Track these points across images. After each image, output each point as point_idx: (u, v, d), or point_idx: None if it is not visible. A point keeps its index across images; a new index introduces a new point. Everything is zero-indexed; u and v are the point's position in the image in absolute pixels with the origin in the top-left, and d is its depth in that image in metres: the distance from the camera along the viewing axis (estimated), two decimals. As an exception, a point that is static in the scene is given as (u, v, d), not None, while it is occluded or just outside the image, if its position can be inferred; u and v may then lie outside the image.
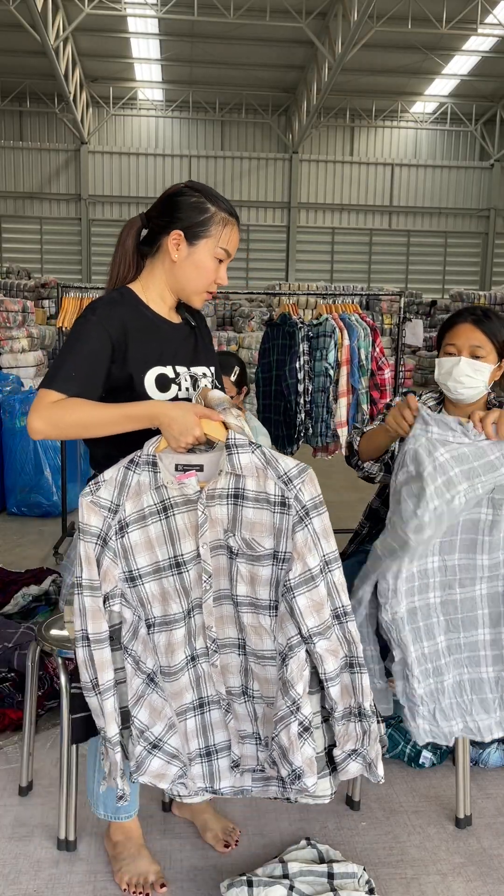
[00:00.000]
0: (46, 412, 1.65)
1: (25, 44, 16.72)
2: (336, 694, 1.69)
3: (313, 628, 1.63)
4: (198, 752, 1.81)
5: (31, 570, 3.99)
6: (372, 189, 23.35)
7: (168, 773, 1.79)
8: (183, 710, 1.78)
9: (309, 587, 1.62)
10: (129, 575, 1.69)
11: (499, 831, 2.27)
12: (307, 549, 1.61)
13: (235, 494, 1.64)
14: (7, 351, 9.38)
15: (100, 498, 1.66)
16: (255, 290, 10.08)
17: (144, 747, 1.76)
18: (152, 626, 1.72)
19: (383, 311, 14.25)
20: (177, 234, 1.80)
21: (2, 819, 2.26)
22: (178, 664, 1.73)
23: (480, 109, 22.70)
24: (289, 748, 1.66)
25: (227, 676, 1.76)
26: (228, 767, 1.82)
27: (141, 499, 1.66)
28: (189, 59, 19.07)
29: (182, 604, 1.71)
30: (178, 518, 1.67)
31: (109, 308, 1.78)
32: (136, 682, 1.75)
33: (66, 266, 22.52)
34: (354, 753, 1.74)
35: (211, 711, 1.79)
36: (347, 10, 14.15)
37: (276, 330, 4.66)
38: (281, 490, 1.62)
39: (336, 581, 1.67)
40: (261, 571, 1.66)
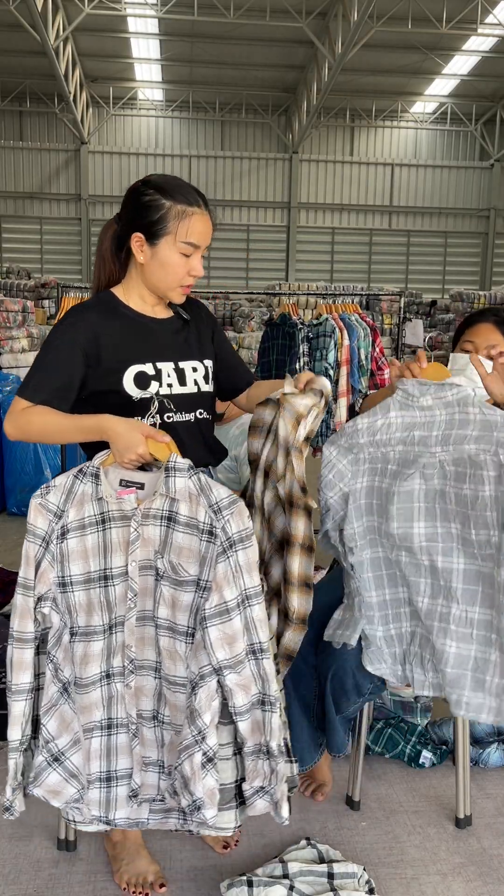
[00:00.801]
0: (15, 418, 1.74)
1: (25, 44, 16.74)
2: (245, 729, 1.67)
3: (223, 661, 1.61)
4: (97, 776, 1.78)
5: (31, 570, 3.98)
6: (372, 189, 23.36)
7: (64, 792, 1.77)
8: (90, 727, 1.75)
9: (223, 619, 1.60)
10: (61, 580, 1.70)
11: (499, 831, 2.27)
12: (226, 581, 1.60)
13: (168, 517, 1.65)
14: (7, 351, 9.39)
15: (48, 501, 1.70)
16: (255, 290, 10.09)
17: (46, 758, 1.74)
18: (75, 635, 1.72)
19: (383, 311, 14.25)
20: (137, 237, 1.78)
21: (2, 819, 2.26)
22: (90, 677, 1.72)
23: (480, 109, 22.71)
24: (191, 778, 1.64)
25: (140, 699, 1.74)
26: (126, 797, 1.79)
27: (83, 508, 1.69)
28: (189, 59, 19.08)
29: (104, 617, 1.71)
30: (113, 532, 1.68)
31: (80, 315, 1.80)
32: (51, 690, 1.73)
33: (65, 266, 22.54)
34: (262, 790, 1.72)
35: (118, 735, 1.77)
36: (347, 10, 14.16)
37: (276, 330, 4.66)
38: (210, 519, 1.61)
39: (255, 617, 1.63)
40: (182, 597, 1.65)
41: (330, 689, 2.04)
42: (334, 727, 2.14)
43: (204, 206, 1.79)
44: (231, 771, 1.72)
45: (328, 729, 2.18)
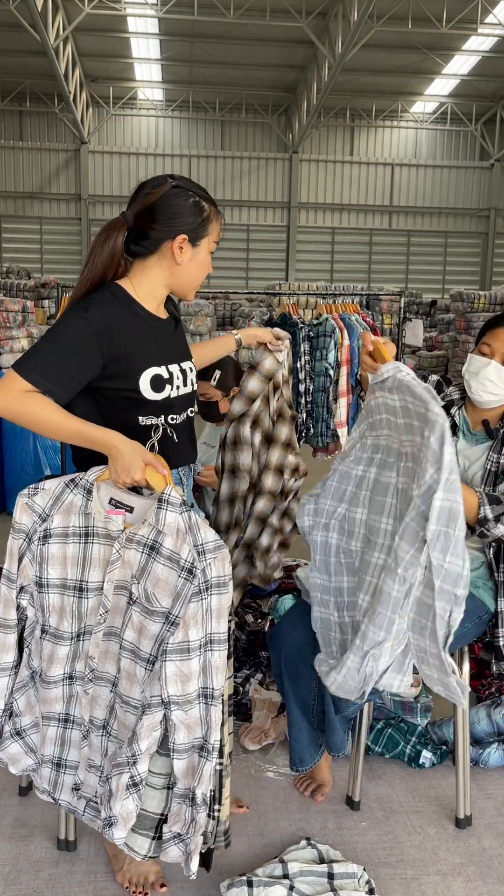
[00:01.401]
0: (10, 396, 1.63)
1: (25, 44, 16.73)
2: (179, 769, 1.69)
3: (173, 696, 1.63)
4: (50, 759, 1.88)
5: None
6: (372, 189, 23.35)
7: (21, 762, 1.90)
8: (49, 716, 1.85)
9: (182, 657, 1.62)
10: (38, 580, 1.77)
11: (499, 831, 2.27)
12: (194, 621, 1.62)
13: (152, 546, 1.67)
14: (7, 351, 9.38)
15: (34, 503, 1.74)
16: (255, 290, 10.08)
17: (10, 729, 1.88)
18: (45, 633, 1.80)
19: (383, 311, 14.26)
20: (182, 239, 1.80)
21: (2, 819, 2.26)
22: (54, 677, 1.80)
23: (480, 109, 22.70)
24: (114, 794, 1.69)
25: (94, 707, 1.80)
26: (71, 786, 1.88)
27: (69, 517, 1.73)
28: (189, 59, 19.07)
29: (73, 626, 1.77)
30: (95, 547, 1.73)
31: (99, 308, 1.74)
32: (23, 673, 1.86)
33: (65, 266, 22.52)
34: (178, 837, 1.73)
35: (73, 730, 1.85)
36: (347, 10, 14.16)
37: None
38: (193, 558, 1.63)
39: (214, 663, 1.66)
40: (150, 626, 1.67)
41: (331, 693, 2.04)
42: (333, 727, 2.14)
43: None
44: (158, 801, 1.74)
45: (327, 729, 2.18)
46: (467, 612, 2.13)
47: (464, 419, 2.28)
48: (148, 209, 1.79)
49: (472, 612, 2.15)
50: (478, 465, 2.20)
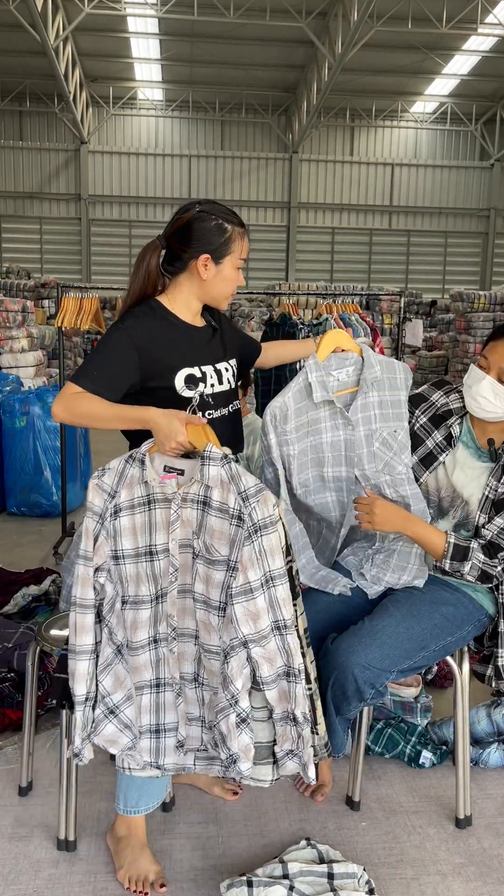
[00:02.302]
0: (65, 400, 1.91)
1: (25, 44, 16.73)
2: (273, 697, 1.82)
3: (248, 635, 1.76)
4: (148, 728, 1.95)
5: (31, 570, 3.99)
6: (372, 189, 23.35)
7: (119, 741, 1.93)
8: (141, 685, 1.92)
9: (246, 598, 1.75)
10: (114, 554, 1.87)
11: (499, 831, 2.27)
12: (250, 563, 1.74)
13: (204, 501, 1.81)
14: (7, 351, 9.38)
15: (103, 482, 1.86)
16: (255, 289, 10.07)
17: (103, 711, 1.92)
18: (125, 604, 1.89)
19: (383, 311, 14.24)
20: (205, 258, 2.00)
21: (2, 819, 2.27)
22: (139, 642, 1.89)
23: (480, 109, 22.70)
24: (227, 735, 1.82)
25: (182, 663, 1.91)
26: (174, 747, 1.96)
27: (133, 489, 1.85)
28: (189, 58, 19.08)
29: (150, 588, 1.88)
30: (157, 512, 1.85)
31: (137, 319, 2.00)
32: (107, 651, 1.91)
33: (65, 266, 22.52)
34: (291, 753, 1.88)
35: (165, 693, 1.93)
36: (347, 10, 14.16)
37: (276, 330, 4.66)
38: (239, 505, 1.76)
39: (279, 596, 1.77)
40: (215, 575, 1.81)
41: (330, 696, 2.04)
42: (333, 728, 2.14)
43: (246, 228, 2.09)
44: (267, 731, 1.88)
45: (327, 730, 2.18)
46: (467, 615, 2.14)
47: (467, 429, 2.20)
48: (176, 232, 2.02)
49: (472, 616, 2.15)
50: (476, 485, 2.14)
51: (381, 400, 2.24)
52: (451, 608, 2.12)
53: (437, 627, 2.09)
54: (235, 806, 2.35)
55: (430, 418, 2.25)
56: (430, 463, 2.21)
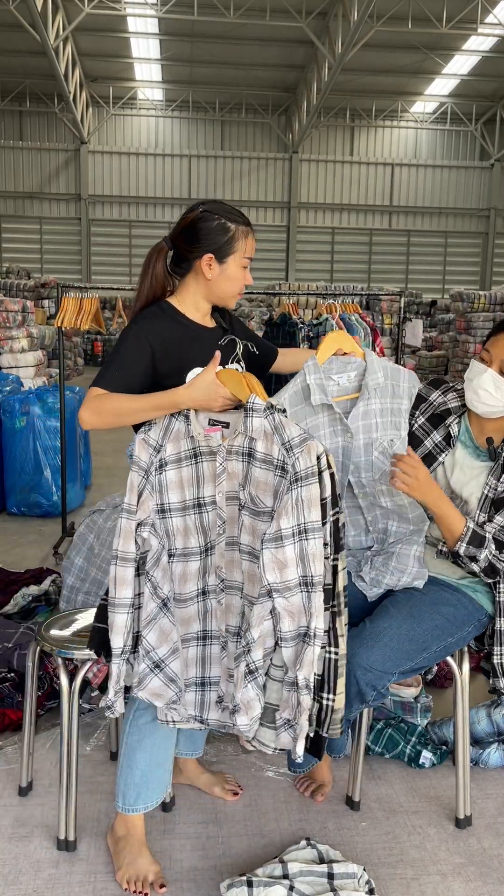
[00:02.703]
0: (91, 403, 1.91)
1: (25, 44, 16.74)
2: (288, 657, 1.80)
3: (273, 584, 1.75)
4: (193, 681, 1.96)
5: (31, 570, 3.99)
6: (372, 189, 23.36)
7: (164, 695, 1.91)
8: (188, 637, 1.94)
9: (276, 545, 1.74)
10: (160, 507, 1.89)
11: (499, 831, 2.27)
12: (285, 511, 1.74)
13: (249, 453, 1.84)
14: (7, 351, 9.38)
15: (149, 436, 1.88)
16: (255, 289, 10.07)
17: (148, 665, 1.89)
18: (173, 556, 1.90)
19: (383, 311, 14.26)
20: (209, 258, 2.00)
21: (2, 819, 2.27)
22: (188, 593, 1.91)
23: (480, 109, 22.71)
24: (236, 684, 1.81)
25: (229, 615, 1.92)
26: (216, 701, 1.97)
27: (179, 443, 1.88)
28: (189, 58, 19.08)
29: (199, 540, 1.90)
30: (204, 465, 1.88)
31: (149, 320, 2.01)
32: (150, 606, 1.88)
33: (65, 266, 22.53)
34: (287, 723, 1.84)
35: (212, 646, 1.95)
36: (347, 10, 14.16)
37: (276, 330, 4.66)
38: (283, 455, 1.78)
39: (310, 551, 1.76)
40: (260, 526, 1.82)
41: None
42: None
43: (251, 227, 2.08)
44: (275, 693, 1.85)
45: None
46: (467, 615, 2.14)
47: (465, 428, 2.19)
48: (181, 233, 2.03)
49: (472, 616, 2.15)
50: (475, 484, 2.14)
51: (383, 408, 2.18)
52: (451, 608, 2.11)
53: (438, 628, 2.08)
54: (235, 806, 2.35)
55: (428, 418, 2.23)
56: (429, 463, 2.19)
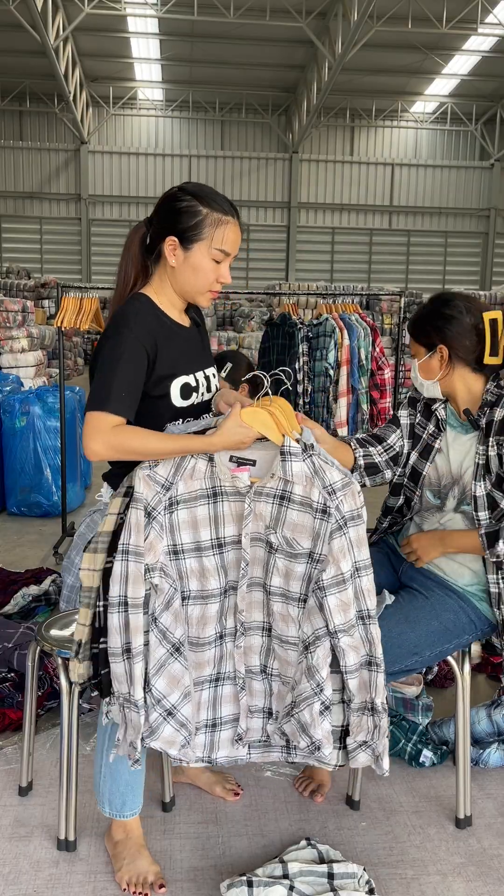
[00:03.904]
0: (108, 437, 1.69)
1: (25, 44, 16.74)
2: (354, 686, 1.82)
3: (339, 625, 1.77)
4: (204, 723, 1.93)
5: (31, 570, 3.99)
6: (372, 189, 23.36)
7: (176, 741, 1.87)
8: (201, 681, 1.90)
9: (340, 589, 1.76)
10: (173, 548, 1.82)
11: (499, 831, 2.27)
12: (342, 555, 1.75)
13: (282, 496, 1.80)
14: (7, 351, 9.39)
15: (156, 473, 1.78)
16: (255, 290, 10.09)
17: (160, 714, 1.83)
18: (187, 599, 1.85)
19: (383, 311, 14.26)
20: (171, 241, 1.82)
21: (2, 819, 2.26)
22: (207, 637, 1.87)
23: (481, 109, 22.71)
24: (310, 724, 1.81)
25: (248, 657, 1.90)
26: (229, 739, 1.95)
27: (195, 482, 1.81)
28: (189, 58, 19.08)
29: (220, 581, 1.85)
30: (225, 505, 1.83)
31: (139, 323, 1.80)
32: (159, 652, 1.80)
33: (65, 266, 22.54)
34: (365, 745, 1.85)
35: (224, 686, 1.92)
36: (347, 10, 14.16)
37: (276, 330, 4.66)
38: (324, 499, 1.77)
39: (364, 586, 1.79)
40: (296, 568, 1.81)
41: None
42: None
43: (237, 216, 1.86)
44: (338, 715, 1.86)
45: None
46: (468, 623, 2.13)
47: (451, 411, 2.23)
48: (155, 212, 1.87)
49: (473, 625, 2.14)
50: (469, 458, 2.16)
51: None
52: (451, 615, 2.11)
53: (434, 635, 2.08)
54: (235, 806, 2.34)
55: (422, 413, 2.29)
56: (428, 453, 2.23)
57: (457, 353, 2.10)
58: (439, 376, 2.14)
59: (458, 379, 2.13)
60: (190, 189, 1.83)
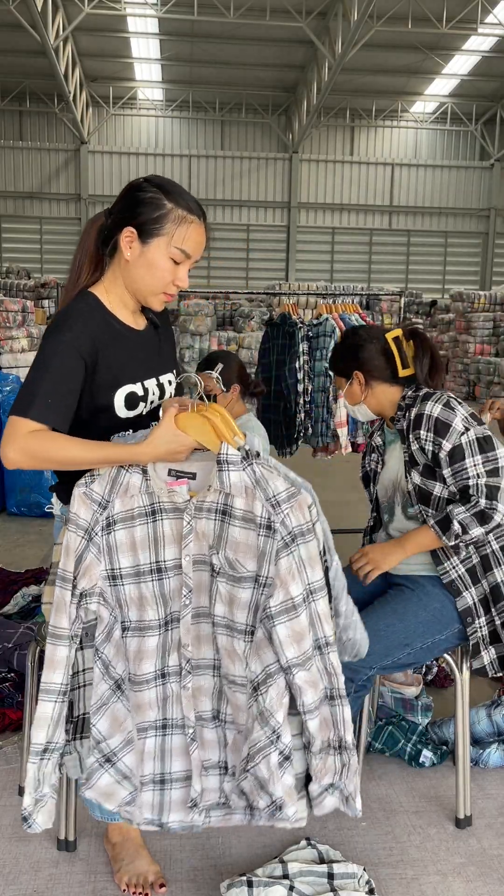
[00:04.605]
0: (24, 442, 1.55)
1: (25, 44, 16.74)
2: (314, 727, 1.60)
3: (293, 659, 1.55)
4: (151, 778, 1.70)
5: (31, 570, 3.99)
6: (372, 189, 23.36)
7: (116, 794, 1.69)
8: (144, 727, 1.68)
9: (290, 616, 1.54)
10: (110, 573, 1.63)
11: (499, 831, 2.27)
12: (290, 576, 1.53)
13: (223, 511, 1.58)
14: (7, 351, 9.39)
15: (92, 490, 1.61)
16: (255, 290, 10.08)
17: (97, 759, 1.67)
18: (126, 630, 1.65)
19: (383, 311, 14.25)
20: (129, 232, 1.67)
21: (2, 819, 2.26)
22: (144, 675, 1.65)
23: (481, 109, 22.71)
24: (268, 779, 1.58)
25: (199, 700, 1.67)
26: (182, 801, 1.70)
27: (132, 498, 1.61)
28: (189, 58, 19.08)
29: (159, 612, 1.64)
30: (164, 524, 1.61)
31: (81, 325, 1.65)
32: (101, 688, 1.66)
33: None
34: (332, 787, 1.66)
35: (173, 736, 1.69)
36: (347, 10, 14.16)
37: (276, 330, 4.66)
38: (268, 513, 1.54)
39: (319, 611, 1.58)
40: (240, 594, 1.58)
41: None
42: None
43: (203, 218, 1.73)
44: (301, 761, 1.66)
45: None
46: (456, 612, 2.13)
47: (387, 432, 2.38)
48: (115, 202, 1.74)
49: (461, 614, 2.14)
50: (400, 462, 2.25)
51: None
52: (438, 605, 2.12)
53: (423, 625, 2.10)
54: (235, 806, 2.34)
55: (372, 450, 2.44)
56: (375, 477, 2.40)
57: (371, 375, 2.26)
58: (362, 398, 2.30)
59: (380, 395, 2.28)
60: (156, 181, 1.71)
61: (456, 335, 13.75)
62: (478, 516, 2.02)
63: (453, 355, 13.69)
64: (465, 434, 2.05)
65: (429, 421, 2.08)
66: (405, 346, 2.24)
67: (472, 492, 2.03)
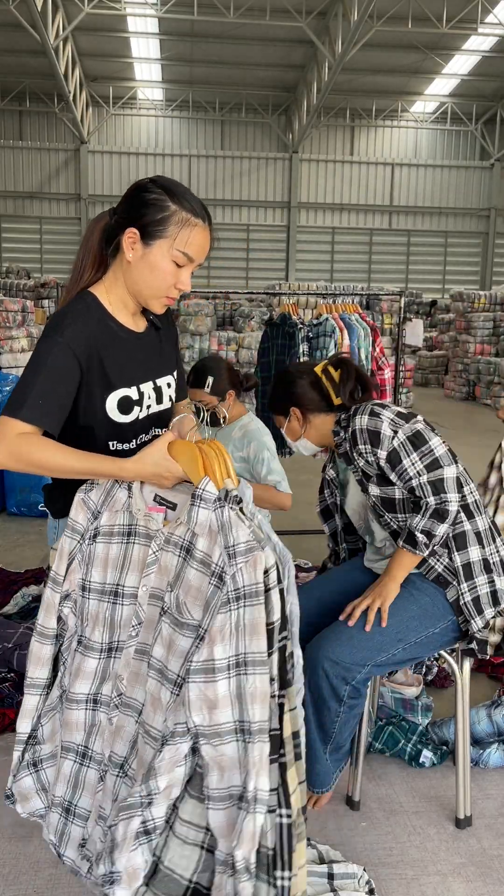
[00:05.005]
0: (11, 445, 1.52)
1: (25, 44, 16.74)
2: (218, 824, 1.35)
3: (199, 726, 1.36)
4: (60, 802, 1.62)
5: (31, 570, 3.99)
6: (372, 189, 23.36)
7: (31, 801, 1.64)
8: (68, 747, 1.62)
9: (206, 679, 1.36)
10: (82, 584, 1.61)
11: (499, 831, 2.27)
12: (220, 637, 1.36)
13: (187, 549, 1.47)
14: (7, 351, 9.39)
15: (89, 498, 1.61)
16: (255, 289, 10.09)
17: (29, 759, 1.64)
18: (79, 644, 1.62)
19: (383, 311, 14.24)
20: (132, 232, 1.64)
21: (2, 819, 2.26)
22: (79, 695, 1.60)
23: (481, 109, 22.70)
24: (119, 845, 1.37)
25: (116, 740, 1.56)
26: (78, 841, 1.61)
27: (116, 514, 1.60)
28: (189, 58, 19.08)
29: (104, 636, 1.59)
30: (135, 548, 1.56)
31: (78, 327, 1.63)
32: (55, 693, 1.65)
33: (65, 266, 22.50)
34: None
35: (89, 769, 1.61)
36: (347, 10, 14.16)
37: (276, 330, 4.66)
38: (223, 562, 1.39)
39: (249, 689, 1.35)
40: (180, 641, 1.44)
41: (311, 701, 2.04)
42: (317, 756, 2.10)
43: (208, 222, 1.69)
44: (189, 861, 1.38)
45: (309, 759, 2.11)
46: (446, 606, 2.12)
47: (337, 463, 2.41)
48: (120, 202, 1.71)
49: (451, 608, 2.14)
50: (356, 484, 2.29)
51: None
52: (428, 599, 2.12)
53: (415, 619, 2.10)
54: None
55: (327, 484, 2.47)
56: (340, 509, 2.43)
57: (307, 408, 2.32)
58: (302, 433, 2.35)
59: (320, 426, 2.32)
60: (162, 182, 1.67)
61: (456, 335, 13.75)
62: (434, 516, 2.03)
63: (453, 355, 13.69)
64: (395, 437, 2.07)
65: (362, 434, 2.11)
66: (334, 374, 2.30)
67: (419, 493, 2.05)
